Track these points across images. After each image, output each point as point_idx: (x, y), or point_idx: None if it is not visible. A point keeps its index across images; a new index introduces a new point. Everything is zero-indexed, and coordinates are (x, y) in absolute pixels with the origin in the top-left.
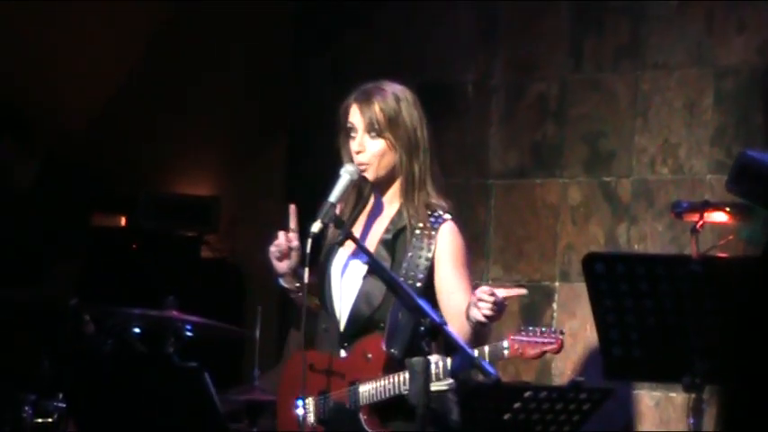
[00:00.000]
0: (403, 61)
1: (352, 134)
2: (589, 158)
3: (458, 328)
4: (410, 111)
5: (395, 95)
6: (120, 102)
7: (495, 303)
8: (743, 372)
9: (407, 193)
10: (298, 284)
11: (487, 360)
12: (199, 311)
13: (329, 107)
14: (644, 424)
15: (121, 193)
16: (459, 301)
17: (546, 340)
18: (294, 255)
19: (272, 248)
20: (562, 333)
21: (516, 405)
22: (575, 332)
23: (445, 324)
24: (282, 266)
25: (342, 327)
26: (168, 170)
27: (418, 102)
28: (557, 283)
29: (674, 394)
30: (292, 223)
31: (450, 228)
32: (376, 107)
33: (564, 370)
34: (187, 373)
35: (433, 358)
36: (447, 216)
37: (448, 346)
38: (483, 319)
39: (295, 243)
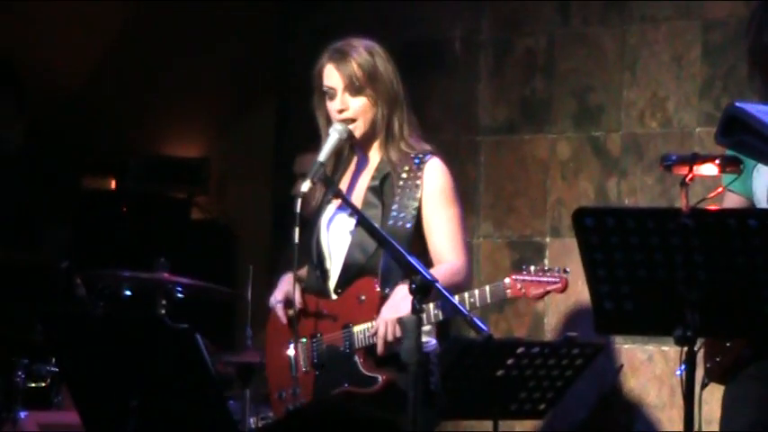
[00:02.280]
0: (390, 19)
1: (330, 95)
2: (578, 113)
3: (434, 270)
4: (385, 64)
5: (368, 50)
6: (108, 64)
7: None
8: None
9: (389, 144)
10: None
11: (489, 300)
12: (190, 273)
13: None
14: (637, 378)
15: (111, 155)
16: (435, 242)
17: (550, 279)
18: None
19: (277, 305)
20: (566, 272)
21: (509, 361)
22: None
23: (436, 281)
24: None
25: (335, 276)
26: (157, 132)
27: (389, 55)
28: (547, 239)
29: (666, 348)
30: (297, 296)
31: (436, 164)
32: (353, 64)
33: (556, 326)
34: (179, 335)
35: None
36: (431, 155)
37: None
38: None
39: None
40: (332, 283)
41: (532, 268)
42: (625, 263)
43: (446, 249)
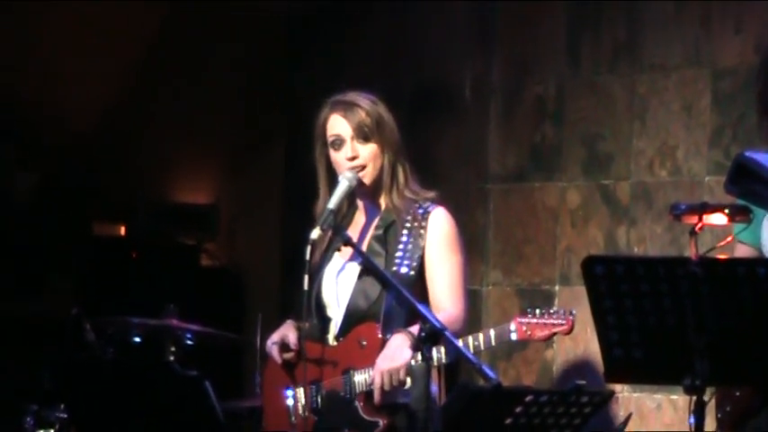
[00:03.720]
0: (400, 62)
1: (337, 144)
2: (587, 161)
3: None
4: (387, 114)
5: (371, 100)
6: (117, 109)
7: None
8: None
9: (394, 191)
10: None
11: (494, 343)
12: (199, 319)
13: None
14: (646, 427)
15: (120, 201)
16: (435, 290)
17: (555, 321)
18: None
19: (272, 347)
20: (572, 313)
21: (517, 409)
22: (575, 335)
23: (446, 329)
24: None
25: (338, 323)
26: (166, 178)
27: (387, 105)
28: (557, 287)
29: (675, 396)
30: (292, 338)
31: (441, 213)
32: (361, 112)
33: (565, 373)
34: (188, 382)
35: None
36: (435, 204)
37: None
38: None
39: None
40: (333, 330)
41: (538, 311)
42: (634, 310)
43: (445, 297)
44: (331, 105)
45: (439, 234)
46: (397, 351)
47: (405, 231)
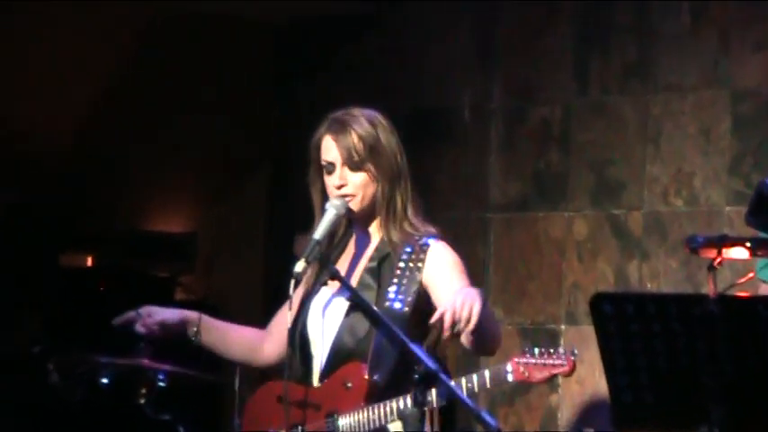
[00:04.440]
0: (395, 85)
1: (328, 170)
2: (596, 189)
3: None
4: (388, 137)
5: (370, 121)
6: (88, 133)
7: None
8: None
9: (390, 224)
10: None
11: (489, 385)
12: (172, 359)
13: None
14: None
15: (88, 230)
16: None
17: (556, 362)
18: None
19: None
20: (574, 353)
21: None
22: (582, 379)
23: (441, 371)
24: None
25: (321, 362)
26: (139, 204)
27: (393, 126)
28: (562, 326)
29: None
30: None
31: (441, 246)
32: (353, 137)
33: (570, 420)
34: (161, 427)
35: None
36: (436, 238)
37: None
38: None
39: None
40: (318, 369)
41: (536, 350)
42: (646, 352)
43: None
44: (327, 125)
45: (442, 262)
46: (470, 292)
47: (401, 264)
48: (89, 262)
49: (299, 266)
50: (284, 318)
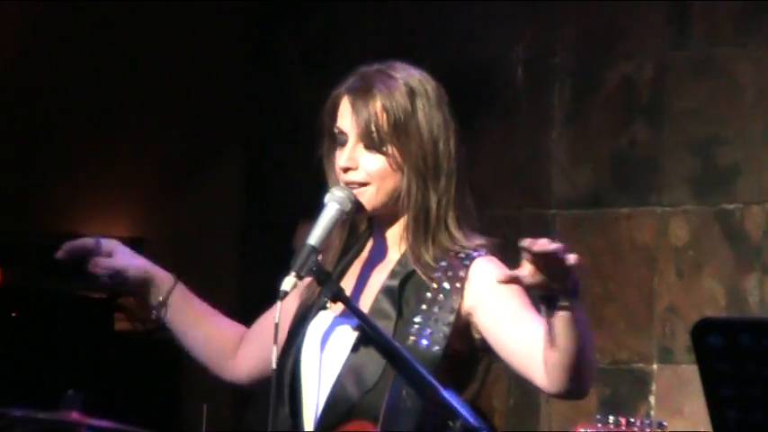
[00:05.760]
0: (417, 37)
1: (341, 140)
2: (700, 177)
3: (538, 363)
4: (430, 113)
5: (408, 87)
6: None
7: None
8: None
9: (419, 234)
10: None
11: None
12: (111, 411)
13: (306, 111)
14: None
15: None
16: (534, 329)
17: None
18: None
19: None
20: (661, 426)
21: None
22: None
23: (483, 428)
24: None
25: (316, 415)
26: (65, 203)
27: (445, 97)
28: (654, 366)
29: None
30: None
31: (487, 261)
32: (377, 105)
33: None
34: None
35: None
36: (483, 251)
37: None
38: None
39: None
40: (308, 424)
41: (612, 418)
42: (766, 401)
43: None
44: (350, 82)
45: (490, 278)
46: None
47: (434, 285)
48: None
49: (288, 283)
50: (270, 326)
